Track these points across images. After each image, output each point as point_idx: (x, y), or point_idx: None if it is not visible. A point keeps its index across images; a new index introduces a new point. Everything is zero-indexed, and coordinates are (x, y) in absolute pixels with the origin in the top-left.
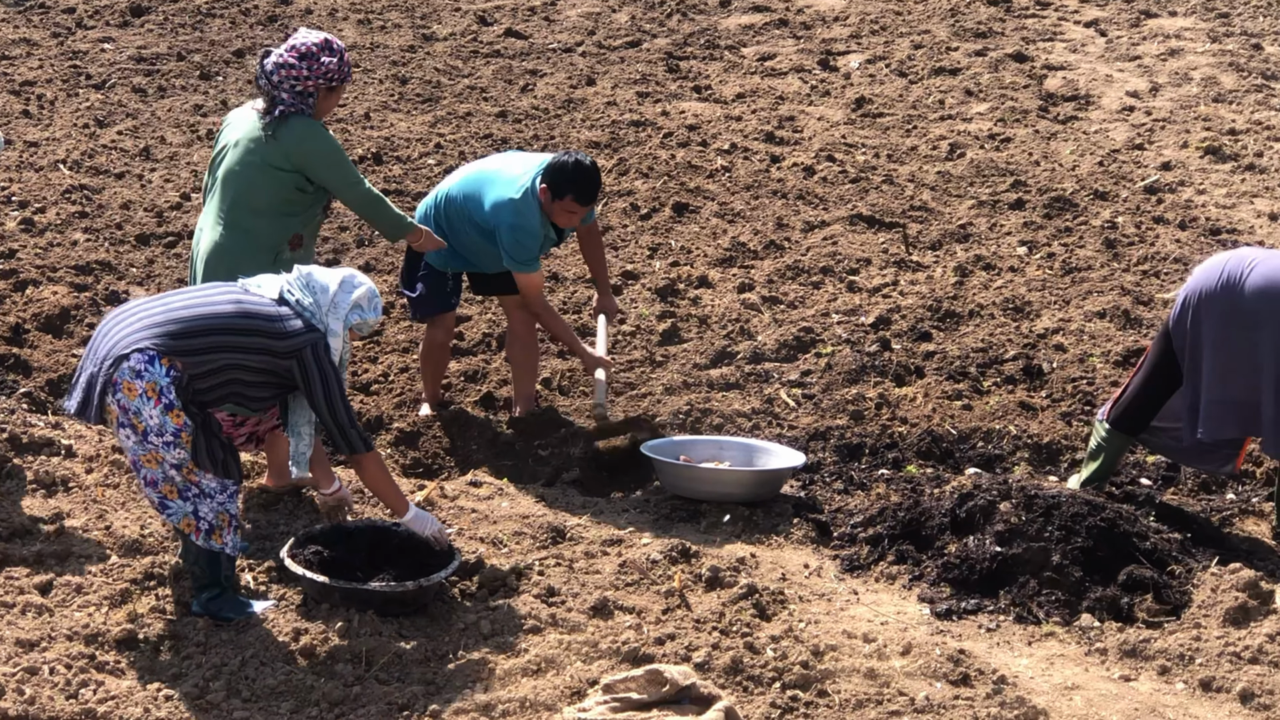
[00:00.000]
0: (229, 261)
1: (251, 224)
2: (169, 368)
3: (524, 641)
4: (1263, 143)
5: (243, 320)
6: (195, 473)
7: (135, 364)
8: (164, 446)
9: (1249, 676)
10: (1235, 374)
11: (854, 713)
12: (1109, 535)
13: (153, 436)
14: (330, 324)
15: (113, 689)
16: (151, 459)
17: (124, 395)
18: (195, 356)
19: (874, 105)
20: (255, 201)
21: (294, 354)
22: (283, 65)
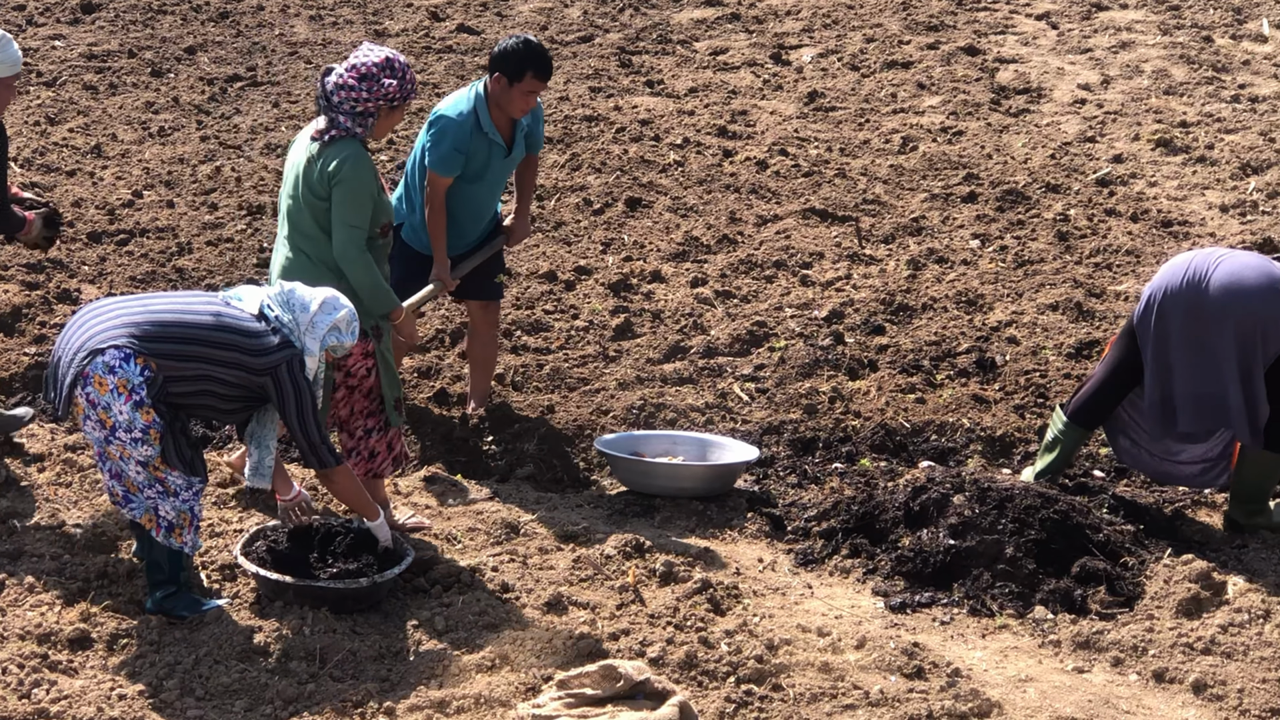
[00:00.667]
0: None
1: (312, 247)
2: (143, 367)
3: (479, 638)
4: (1214, 135)
5: (220, 333)
6: (162, 470)
7: (110, 359)
8: (131, 443)
9: (1202, 667)
10: (1203, 368)
11: (808, 706)
12: (1062, 527)
13: (120, 432)
14: (307, 343)
15: (66, 688)
16: (117, 454)
17: (94, 389)
18: (170, 360)
19: (826, 99)
20: (306, 226)
21: (269, 371)
22: (342, 86)
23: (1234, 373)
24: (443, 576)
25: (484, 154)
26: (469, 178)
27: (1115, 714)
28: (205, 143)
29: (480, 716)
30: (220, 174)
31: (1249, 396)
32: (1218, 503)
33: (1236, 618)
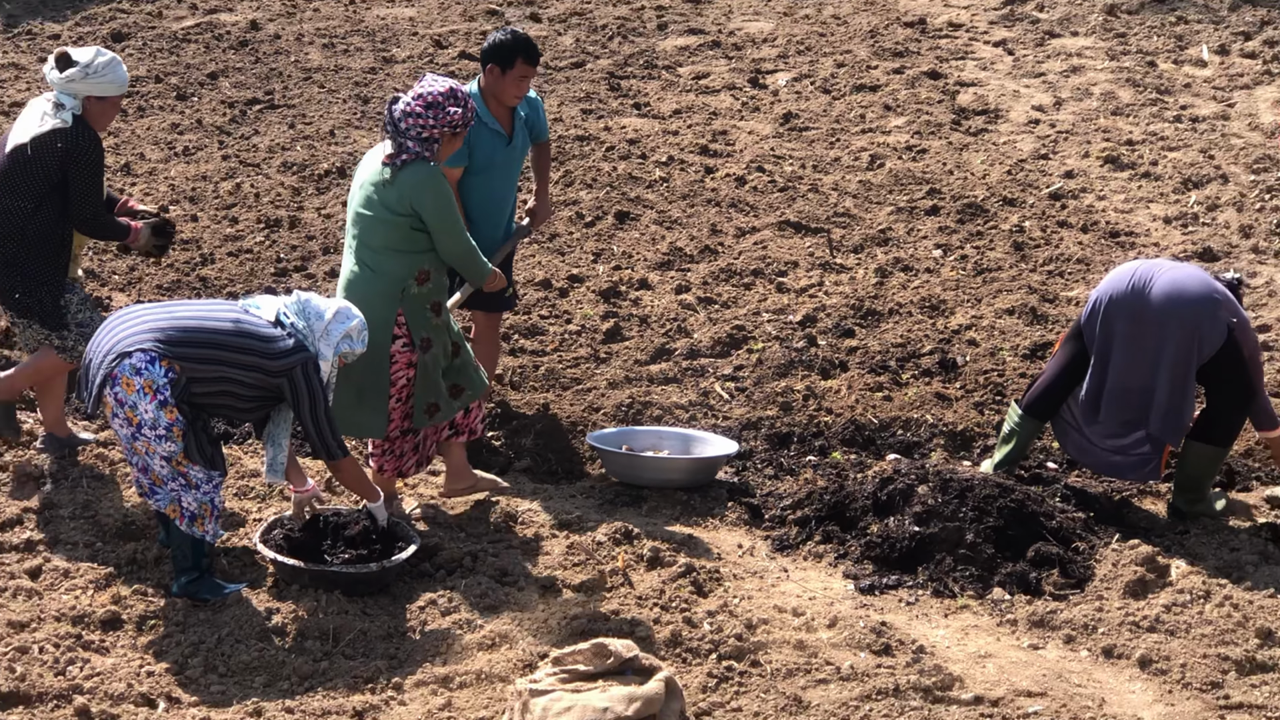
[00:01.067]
0: (356, 295)
1: (376, 261)
2: (168, 369)
3: (479, 618)
4: (1157, 152)
5: (239, 338)
6: (184, 464)
7: (136, 362)
8: (156, 439)
9: (1147, 644)
10: (1138, 366)
11: (784, 681)
12: (1018, 515)
13: (146, 429)
14: (321, 349)
15: (98, 666)
16: (143, 450)
17: (121, 389)
18: (193, 363)
19: (800, 120)
20: (374, 241)
21: (285, 373)
22: (410, 114)
23: (1167, 374)
24: (446, 562)
25: (487, 144)
26: (476, 169)
27: (1067, 687)
28: (226, 161)
29: (481, 691)
30: (240, 190)
31: (1174, 394)
32: (1161, 492)
33: (1179, 598)
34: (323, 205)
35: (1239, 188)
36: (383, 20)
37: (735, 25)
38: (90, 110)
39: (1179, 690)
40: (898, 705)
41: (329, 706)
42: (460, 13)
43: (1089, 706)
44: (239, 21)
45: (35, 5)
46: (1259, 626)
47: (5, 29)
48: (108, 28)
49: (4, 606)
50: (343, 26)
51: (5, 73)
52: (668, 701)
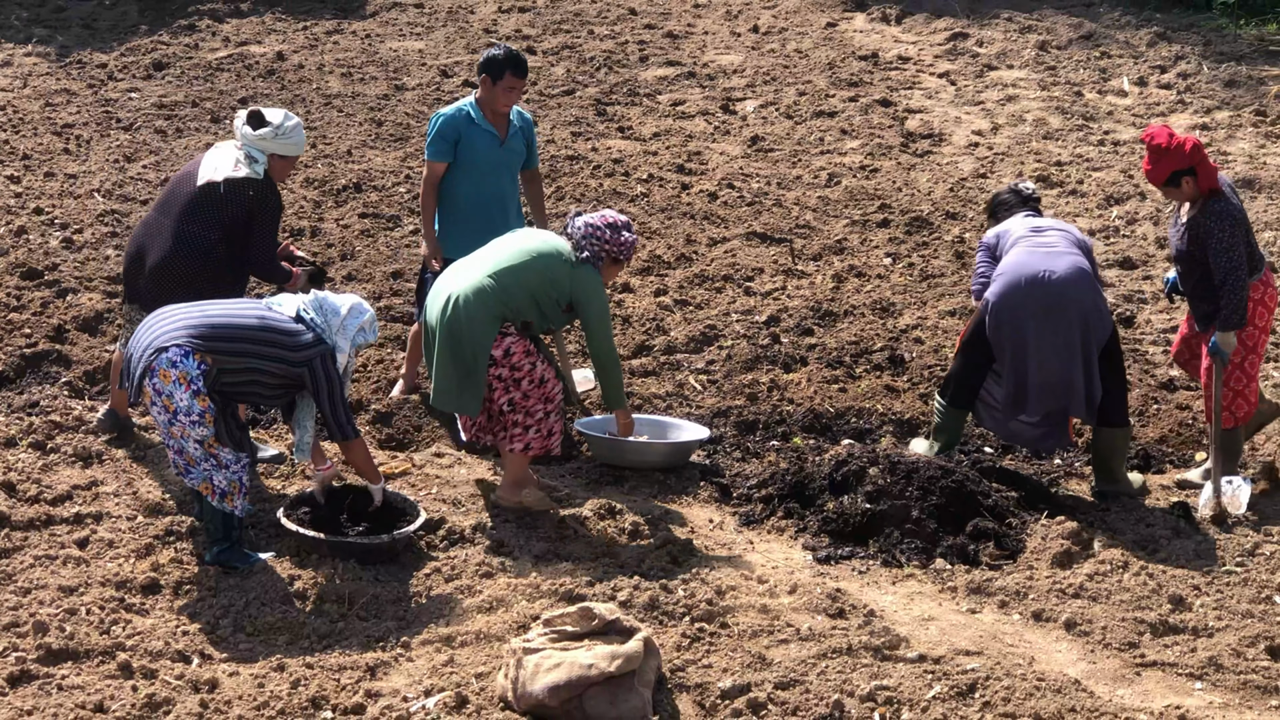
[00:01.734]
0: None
1: (511, 291)
2: (200, 362)
3: (478, 584)
4: (1083, 172)
5: (264, 332)
6: (215, 447)
7: (172, 355)
8: (190, 425)
9: (1072, 609)
10: (1056, 360)
11: (750, 641)
12: (958, 494)
13: (181, 416)
14: (339, 342)
15: (139, 626)
16: (179, 434)
17: (159, 380)
18: (223, 355)
19: (766, 142)
20: (526, 279)
21: (306, 363)
22: (595, 228)
23: (1079, 358)
24: (449, 534)
25: (481, 143)
26: (469, 164)
27: (1001, 647)
28: None
29: (480, 649)
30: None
31: (1088, 379)
32: (1085, 474)
33: (1101, 568)
34: (340, 216)
35: (1155, 204)
36: (395, 52)
37: (709, 58)
38: (272, 166)
39: (1100, 650)
40: (850, 662)
41: (344, 663)
42: (464, 46)
43: (1020, 664)
44: (267, 53)
45: (85, 37)
46: (1171, 593)
47: (58, 58)
48: (149, 58)
49: (55, 573)
50: (359, 58)
51: (58, 97)
52: (646, 658)
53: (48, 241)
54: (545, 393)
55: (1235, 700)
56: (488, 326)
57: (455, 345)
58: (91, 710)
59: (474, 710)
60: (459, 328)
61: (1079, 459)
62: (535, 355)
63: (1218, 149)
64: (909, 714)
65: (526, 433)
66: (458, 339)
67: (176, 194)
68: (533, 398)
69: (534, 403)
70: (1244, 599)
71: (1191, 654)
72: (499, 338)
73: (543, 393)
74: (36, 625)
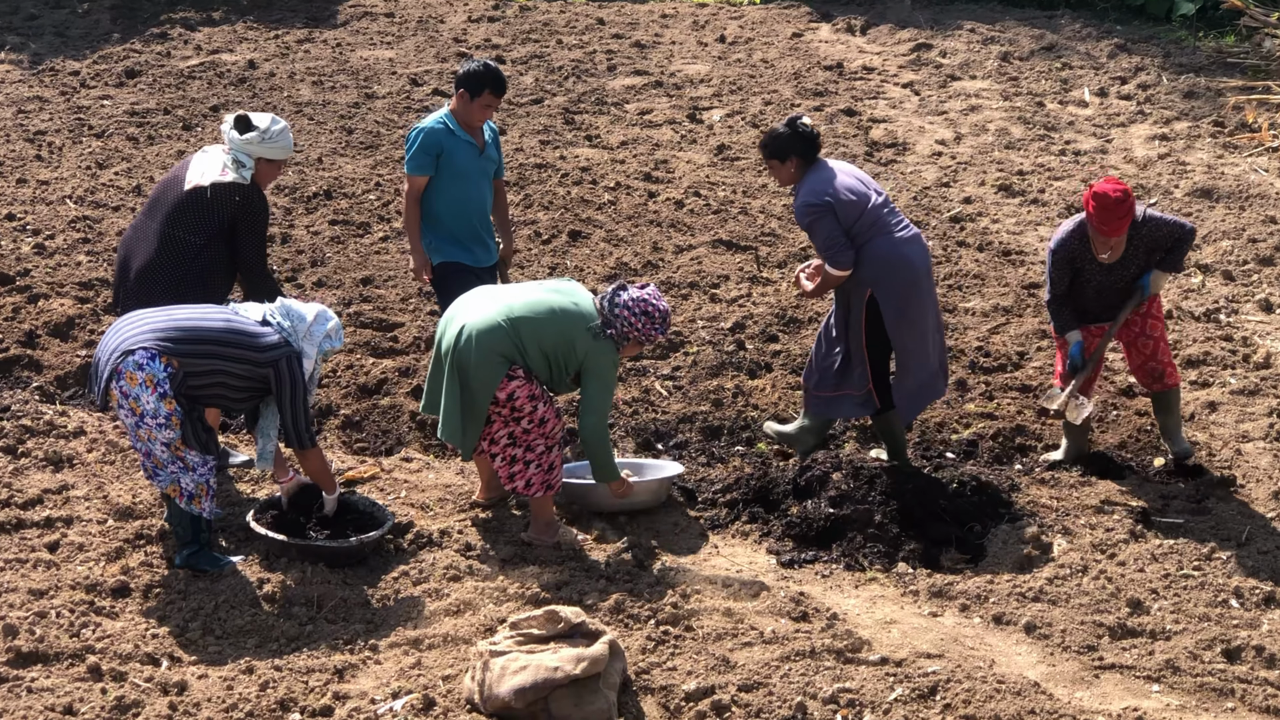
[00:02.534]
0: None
1: (526, 341)
2: (166, 365)
3: (446, 588)
4: (1044, 182)
5: (231, 335)
6: (182, 450)
7: (139, 359)
8: (157, 427)
9: (1032, 612)
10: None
11: (714, 644)
12: (921, 499)
13: (148, 419)
14: (305, 348)
15: (109, 629)
16: (145, 436)
17: (126, 383)
18: (189, 359)
19: (732, 151)
20: (541, 331)
21: (271, 364)
22: (631, 313)
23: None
24: (417, 538)
25: (463, 154)
26: (453, 175)
27: (962, 650)
28: None
29: (447, 652)
30: None
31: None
32: (1046, 479)
33: (1060, 572)
34: (310, 223)
35: None
36: (365, 61)
37: (676, 67)
38: (259, 170)
39: (1059, 652)
40: (813, 665)
41: (313, 665)
42: (434, 55)
43: (981, 666)
44: (238, 61)
45: (57, 44)
46: (1129, 597)
47: (31, 65)
48: (122, 65)
49: (25, 576)
50: (330, 66)
51: (31, 104)
52: (611, 661)
53: (19, 247)
54: (545, 431)
55: (1192, 702)
56: (495, 368)
57: (462, 378)
58: (61, 713)
59: (441, 712)
60: (467, 362)
61: (1039, 464)
62: (540, 399)
63: (1177, 159)
64: (871, 716)
65: (527, 469)
66: (465, 372)
67: (163, 198)
68: (533, 434)
69: (534, 439)
70: (1201, 602)
71: (1149, 657)
72: (504, 380)
73: (542, 431)
74: (6, 628)
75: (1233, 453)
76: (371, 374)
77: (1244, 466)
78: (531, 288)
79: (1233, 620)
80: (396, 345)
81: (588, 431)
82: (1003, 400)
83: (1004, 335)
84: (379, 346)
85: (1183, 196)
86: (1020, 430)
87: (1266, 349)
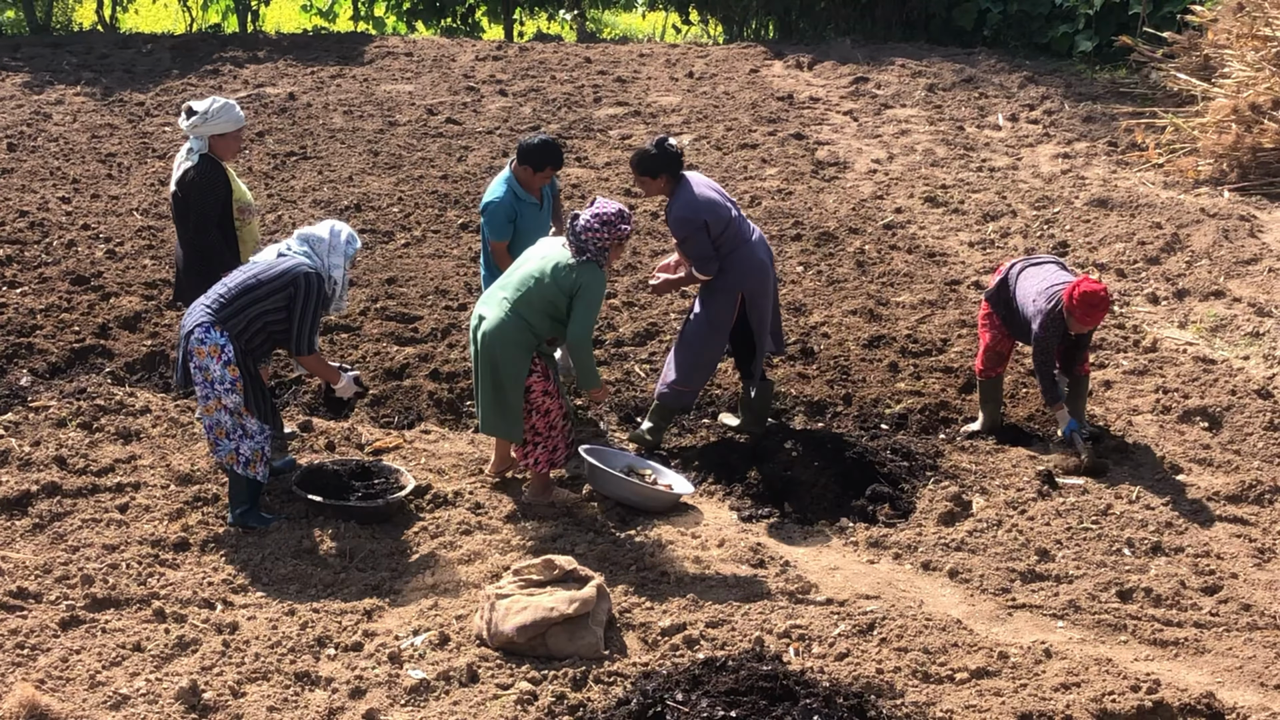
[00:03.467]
0: (504, 336)
1: (526, 313)
2: (221, 331)
3: (459, 541)
4: (964, 194)
5: (254, 280)
6: (244, 416)
7: (199, 334)
8: (225, 393)
9: (955, 560)
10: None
11: (686, 587)
12: (859, 463)
13: (217, 385)
14: (333, 261)
15: (171, 578)
16: (213, 406)
17: (197, 358)
18: (235, 318)
19: (699, 170)
20: (535, 300)
21: (294, 279)
22: (589, 229)
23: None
24: (434, 498)
25: (528, 213)
26: (523, 232)
27: (896, 592)
28: (270, 198)
29: (460, 595)
30: (281, 220)
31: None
32: (966, 447)
33: (979, 525)
34: None
35: (1024, 220)
36: (388, 94)
37: (651, 99)
38: (215, 147)
39: (978, 594)
40: (770, 605)
41: (345, 607)
42: (447, 89)
43: (912, 606)
44: (280, 93)
45: (125, 79)
46: (1038, 547)
47: (103, 97)
48: (180, 97)
49: (100, 533)
50: (358, 98)
51: (103, 130)
52: (599, 602)
53: (93, 253)
54: (550, 421)
55: (1091, 636)
56: (521, 356)
57: (494, 373)
58: (130, 650)
59: (454, 647)
60: (494, 356)
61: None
62: (551, 394)
63: (1077, 174)
64: (819, 648)
65: (535, 449)
66: (494, 367)
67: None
68: (540, 424)
69: (542, 427)
70: (1099, 551)
71: (1055, 598)
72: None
73: (548, 421)
74: (84, 578)
75: (1125, 424)
76: (395, 360)
77: (1135, 435)
78: (516, 269)
79: (1125, 566)
80: (417, 335)
81: (573, 339)
82: (929, 380)
83: (930, 325)
84: (401, 336)
85: (1082, 206)
86: (944, 405)
87: (1154, 335)
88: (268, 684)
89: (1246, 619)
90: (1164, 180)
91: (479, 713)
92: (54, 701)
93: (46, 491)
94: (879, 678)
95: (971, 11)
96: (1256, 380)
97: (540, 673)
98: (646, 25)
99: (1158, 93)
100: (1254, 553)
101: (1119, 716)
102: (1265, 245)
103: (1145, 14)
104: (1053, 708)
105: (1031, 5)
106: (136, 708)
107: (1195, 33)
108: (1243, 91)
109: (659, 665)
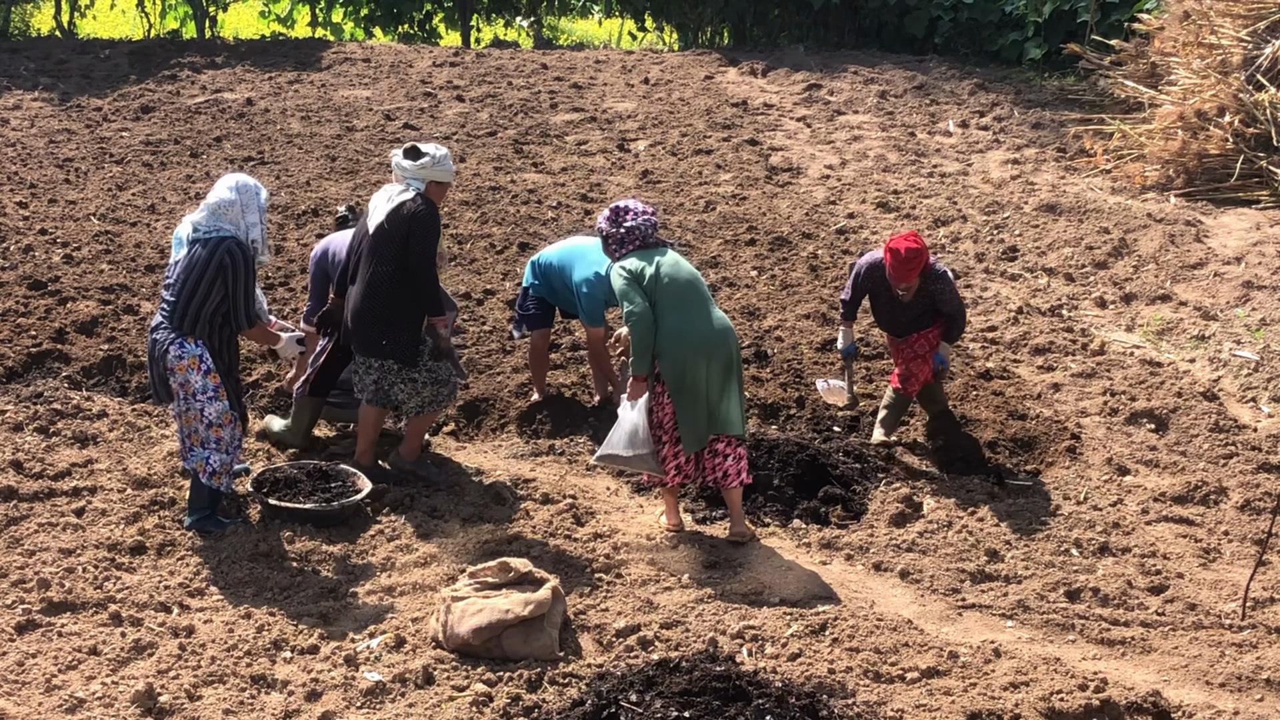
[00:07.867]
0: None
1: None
2: (196, 342)
3: (415, 544)
4: (916, 199)
5: (186, 274)
6: (223, 426)
7: (175, 352)
8: (207, 402)
9: (905, 560)
10: None
11: (640, 588)
12: (812, 466)
13: (199, 395)
14: (249, 220)
15: (127, 582)
16: (192, 418)
17: (178, 373)
18: (198, 324)
19: (655, 175)
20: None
21: (221, 261)
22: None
23: None
24: (391, 501)
25: None
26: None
27: (848, 592)
28: None
29: (416, 597)
30: None
31: None
32: (916, 448)
33: (929, 527)
34: (301, 237)
35: (974, 225)
36: (346, 99)
37: (607, 105)
38: (430, 192)
39: (929, 594)
40: (723, 606)
41: (301, 611)
42: (404, 94)
43: (864, 606)
44: (238, 99)
45: (83, 84)
46: (987, 548)
47: (60, 102)
48: (138, 102)
49: (56, 537)
50: (316, 104)
51: (60, 135)
52: (554, 604)
53: (50, 257)
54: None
55: (1039, 636)
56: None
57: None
58: (87, 653)
59: (410, 649)
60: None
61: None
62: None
63: (1026, 179)
64: (771, 649)
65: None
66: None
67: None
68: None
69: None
70: (1047, 552)
71: (1004, 598)
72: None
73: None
74: (40, 581)
75: (1074, 425)
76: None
77: (1083, 437)
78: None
79: (1073, 566)
80: None
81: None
82: (880, 382)
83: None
84: None
85: (1031, 211)
86: None
87: (1101, 339)
88: (224, 687)
89: (1192, 618)
90: (1112, 186)
91: (435, 714)
92: (9, 705)
93: (2, 495)
94: (831, 678)
95: (923, 19)
96: (1202, 383)
97: (496, 674)
98: (603, 32)
99: (1106, 100)
100: (1199, 553)
101: (1067, 715)
102: (1211, 250)
103: (1093, 22)
104: (1002, 706)
105: (982, 13)
106: (93, 711)
107: (1142, 40)
108: (1189, 99)
109: (613, 666)
